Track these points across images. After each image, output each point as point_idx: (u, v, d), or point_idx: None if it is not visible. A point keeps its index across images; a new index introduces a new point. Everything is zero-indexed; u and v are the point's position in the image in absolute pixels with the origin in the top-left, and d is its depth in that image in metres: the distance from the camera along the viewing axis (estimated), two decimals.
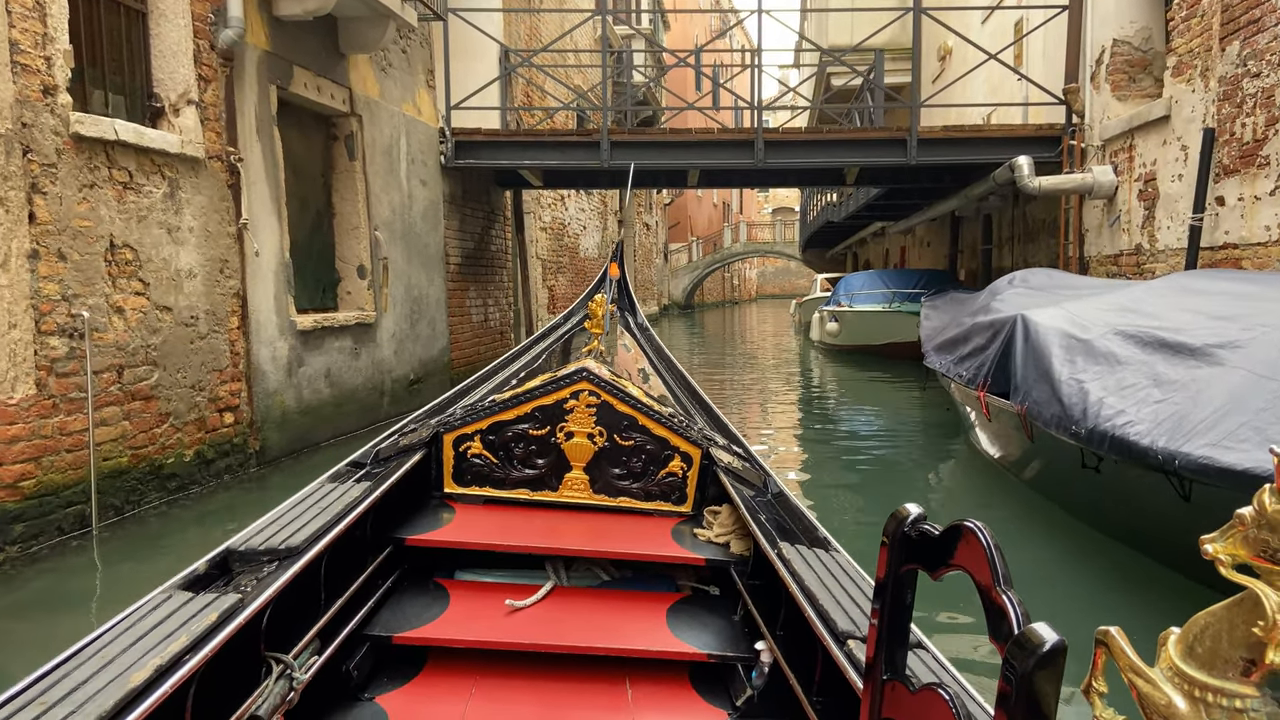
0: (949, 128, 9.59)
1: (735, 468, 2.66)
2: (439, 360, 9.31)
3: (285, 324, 6.40)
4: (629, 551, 2.46)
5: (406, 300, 8.52)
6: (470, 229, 10.44)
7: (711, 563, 2.42)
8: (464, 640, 2.18)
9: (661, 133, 9.62)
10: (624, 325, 4.37)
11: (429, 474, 2.73)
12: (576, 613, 2.33)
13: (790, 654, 1.93)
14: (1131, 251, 8.10)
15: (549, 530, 2.54)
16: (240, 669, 1.68)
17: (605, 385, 2.69)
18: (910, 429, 8.38)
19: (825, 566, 1.91)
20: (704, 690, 2.16)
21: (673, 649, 2.18)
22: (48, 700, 1.22)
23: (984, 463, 5.99)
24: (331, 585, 2.08)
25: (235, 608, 1.56)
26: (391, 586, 2.40)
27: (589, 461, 2.71)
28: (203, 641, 1.44)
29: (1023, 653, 0.78)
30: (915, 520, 1.09)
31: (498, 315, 11.49)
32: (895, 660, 1.16)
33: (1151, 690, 0.77)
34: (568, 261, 17.17)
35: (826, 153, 9.56)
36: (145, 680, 1.30)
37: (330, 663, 2.00)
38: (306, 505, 2.16)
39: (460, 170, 9.89)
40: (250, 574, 1.76)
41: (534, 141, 9.56)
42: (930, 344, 7.24)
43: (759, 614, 2.16)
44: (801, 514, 2.35)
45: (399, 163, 8.40)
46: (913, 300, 13.47)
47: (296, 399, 6.55)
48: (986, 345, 5.29)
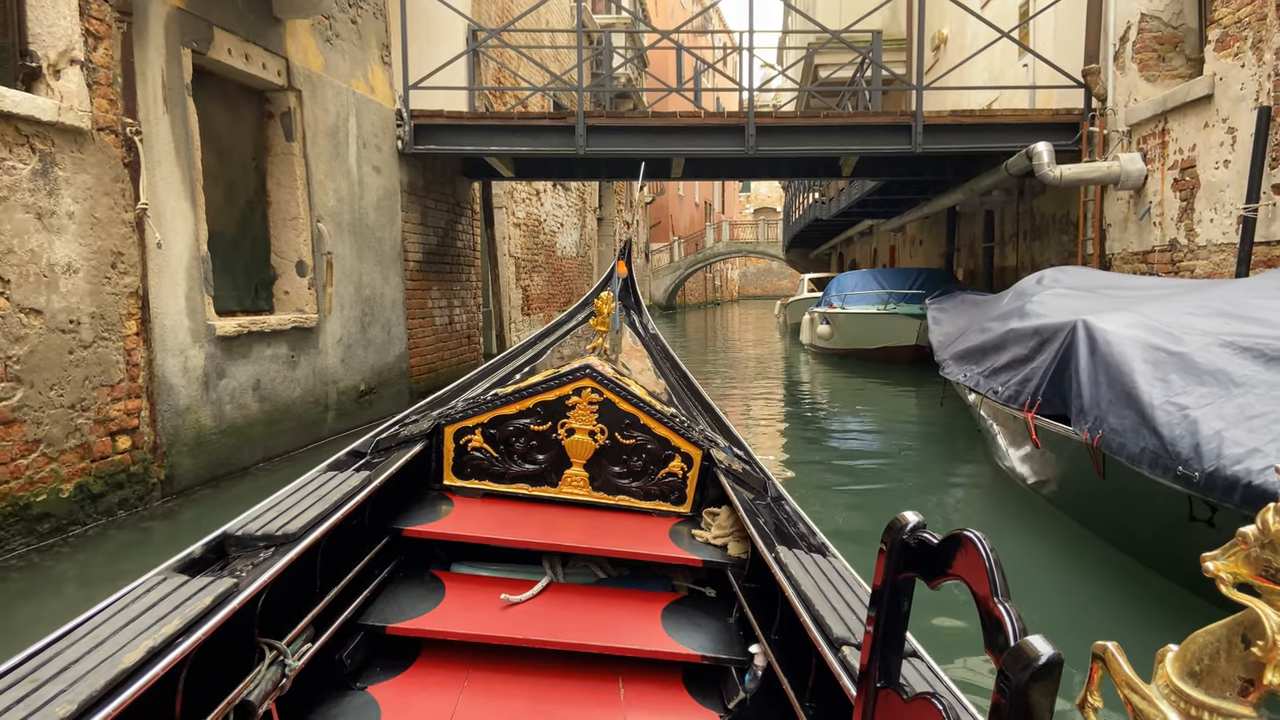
0: (957, 112, 8.76)
1: (735, 470, 2.64)
2: (395, 368, 8.36)
3: (201, 329, 5.45)
4: (626, 550, 2.44)
5: (356, 301, 7.57)
6: (433, 223, 9.50)
7: (709, 564, 2.41)
8: (458, 633, 2.16)
9: (643, 117, 8.74)
10: (629, 323, 4.30)
11: (429, 466, 2.72)
12: (572, 609, 2.31)
13: (784, 658, 1.92)
14: (1165, 247, 7.30)
15: (547, 526, 2.52)
16: (233, 654, 1.67)
17: (608, 383, 2.68)
18: (920, 444, 7.52)
19: (822, 571, 1.89)
20: (697, 691, 2.15)
21: (667, 649, 2.17)
22: (39, 678, 1.22)
23: (1019, 493, 5.13)
24: (327, 574, 2.08)
25: (230, 592, 1.55)
26: (387, 577, 2.40)
27: (589, 459, 2.71)
28: (196, 625, 1.43)
29: (1018, 665, 0.76)
30: (914, 528, 1.07)
31: (465, 318, 10.55)
32: (889, 668, 1.14)
33: (1147, 707, 0.77)
34: (544, 260, 16.23)
35: (824, 139, 8.70)
36: (137, 661, 1.28)
37: (323, 651, 1.99)
38: (305, 492, 2.14)
39: (421, 157, 8.95)
40: (246, 559, 1.75)
41: (502, 125, 8.63)
42: (947, 352, 6.39)
43: (754, 617, 2.15)
44: (800, 518, 2.33)
45: (347, 146, 7.45)
46: (910, 301, 12.65)
47: (216, 416, 5.60)
48: (1031, 356, 4.44)
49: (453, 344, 10.06)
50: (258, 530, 1.85)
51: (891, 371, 12.19)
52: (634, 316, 4.38)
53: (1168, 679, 0.77)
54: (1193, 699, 0.74)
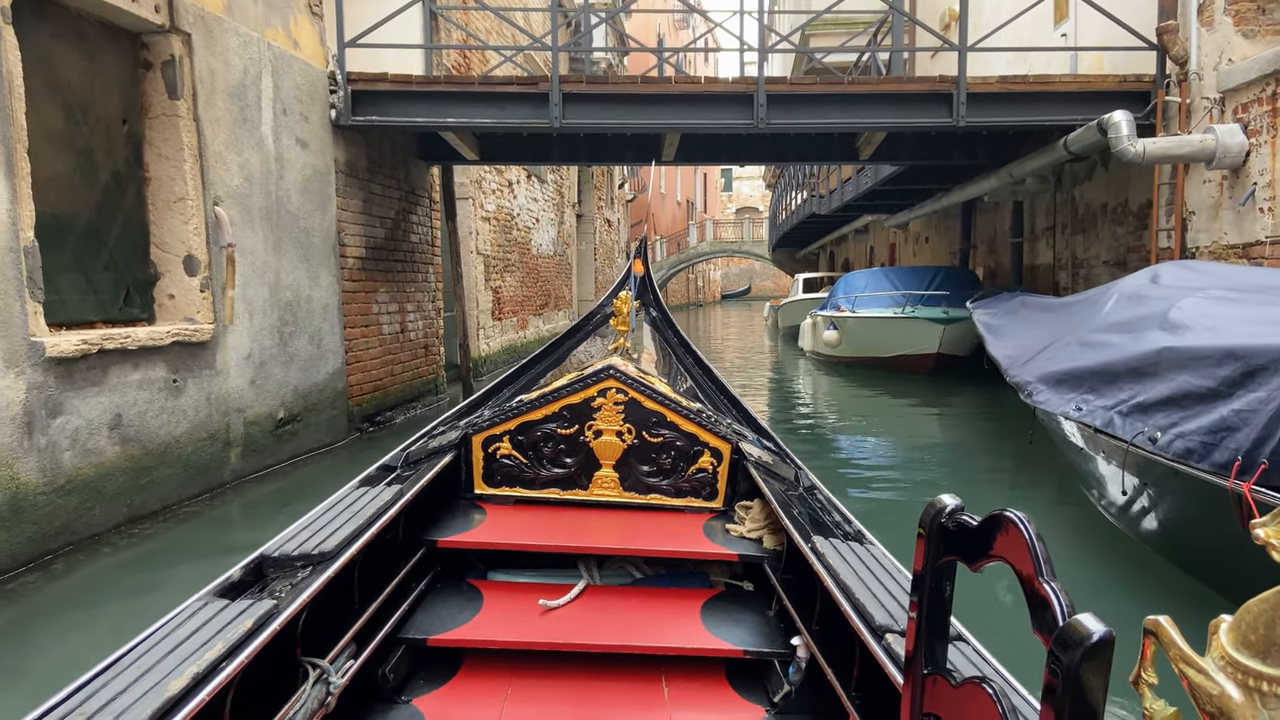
0: (1006, 79, 7.33)
1: (766, 462, 2.64)
2: (328, 388, 6.80)
3: (20, 348, 3.89)
4: (661, 549, 2.44)
5: (272, 306, 6.02)
6: (380, 212, 7.94)
7: (744, 558, 2.39)
8: (498, 641, 2.18)
9: (630, 83, 7.25)
10: (649, 322, 4.32)
11: (459, 476, 2.72)
12: (610, 611, 2.31)
13: (827, 649, 1.90)
14: (1277, 239, 5.90)
15: (580, 529, 2.52)
16: (277, 675, 1.68)
17: (632, 382, 2.69)
18: (992, 487, 6.06)
19: (860, 560, 1.87)
20: (740, 687, 2.14)
21: (708, 646, 2.16)
22: (87, 710, 1.21)
23: (1184, 587, 3.68)
24: (365, 589, 2.09)
25: (270, 613, 1.55)
26: (425, 589, 2.39)
27: (618, 459, 2.70)
28: (239, 648, 1.43)
29: (1068, 645, 0.75)
30: (953, 511, 1.06)
31: (421, 325, 8.99)
32: (936, 654, 1.12)
33: (1204, 680, 0.76)
34: (517, 259, 14.68)
35: (847, 110, 7.24)
36: (183, 688, 1.29)
37: (366, 666, 2.00)
38: (338, 510, 2.14)
39: (362, 131, 7.40)
40: (284, 579, 1.75)
41: (461, 93, 7.09)
42: (1029, 372, 4.93)
43: (794, 609, 2.12)
44: (835, 507, 2.33)
45: (260, 111, 5.90)
46: (929, 303, 11.24)
47: (47, 470, 4.04)
48: (1225, 393, 2.99)
49: (405, 356, 8.50)
50: (294, 550, 1.82)
51: (911, 383, 10.75)
52: (654, 314, 4.35)
53: (1222, 650, 0.76)
54: (1250, 669, 0.74)
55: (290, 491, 5.59)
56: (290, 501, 5.24)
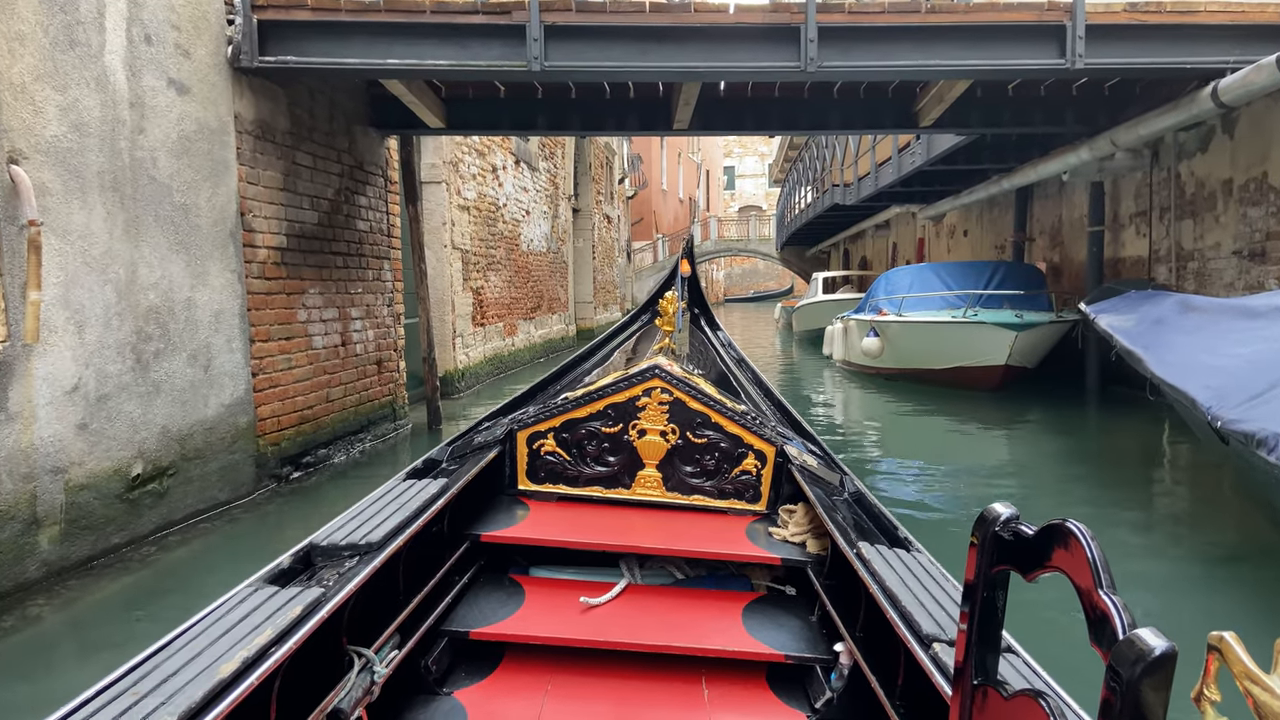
0: (1136, 6, 5.50)
1: (810, 465, 2.59)
2: (223, 424, 4.97)
3: None
4: (703, 550, 2.41)
5: (123, 314, 4.19)
6: (311, 190, 6.11)
7: (787, 562, 2.36)
8: (539, 637, 2.17)
9: (636, 10, 5.41)
10: (694, 322, 4.33)
11: (503, 471, 2.73)
12: (651, 611, 2.30)
13: (871, 656, 1.86)
14: None
15: (622, 528, 2.51)
16: (323, 662, 1.68)
17: (677, 382, 2.69)
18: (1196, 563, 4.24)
19: (907, 567, 1.80)
20: (781, 691, 2.10)
21: (749, 649, 2.13)
22: (140, 690, 1.22)
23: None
24: (410, 581, 2.09)
25: (318, 601, 1.55)
26: (468, 582, 2.40)
27: (662, 459, 2.70)
28: (288, 634, 1.43)
29: (1128, 659, 0.72)
30: (1008, 520, 1.02)
31: (371, 334, 7.15)
32: (986, 665, 1.08)
33: (1270, 699, 0.71)
34: (504, 256, 12.83)
35: (925, 49, 5.41)
36: (233, 672, 1.29)
37: (409, 657, 2.01)
38: (385, 501, 2.14)
39: (279, 80, 5.57)
40: (332, 568, 1.74)
41: (407, 24, 5.26)
42: (1233, 406, 3.15)
43: (837, 615, 2.08)
44: (881, 513, 2.25)
45: (101, 33, 4.07)
46: (992, 305, 9.41)
47: None
48: None
49: (348, 375, 6.66)
50: (342, 540, 1.83)
51: (967, 400, 8.91)
52: (699, 315, 4.41)
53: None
54: None
55: (151, 585, 3.80)
56: (153, 600, 3.52)
